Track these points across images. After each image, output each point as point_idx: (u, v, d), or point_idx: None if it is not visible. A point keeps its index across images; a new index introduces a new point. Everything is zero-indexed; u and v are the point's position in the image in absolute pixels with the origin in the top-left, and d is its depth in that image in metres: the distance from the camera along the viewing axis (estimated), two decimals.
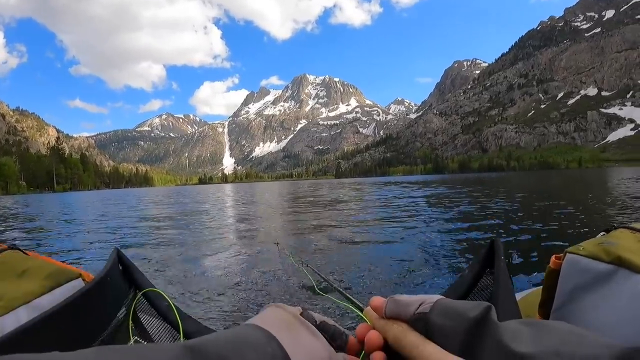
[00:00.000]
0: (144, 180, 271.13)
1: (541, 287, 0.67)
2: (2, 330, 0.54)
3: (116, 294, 0.81)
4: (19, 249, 0.75)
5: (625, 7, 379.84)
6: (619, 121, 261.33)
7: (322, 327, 0.49)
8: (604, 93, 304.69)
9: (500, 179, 38.86)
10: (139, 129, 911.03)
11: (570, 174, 50.07)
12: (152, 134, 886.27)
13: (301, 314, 0.48)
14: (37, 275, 0.67)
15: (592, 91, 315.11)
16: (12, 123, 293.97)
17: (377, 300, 0.53)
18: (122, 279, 0.88)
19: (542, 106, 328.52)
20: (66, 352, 0.28)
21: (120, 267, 0.87)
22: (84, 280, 0.74)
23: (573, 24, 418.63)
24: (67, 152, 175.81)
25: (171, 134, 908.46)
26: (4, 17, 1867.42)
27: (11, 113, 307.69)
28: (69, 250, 5.40)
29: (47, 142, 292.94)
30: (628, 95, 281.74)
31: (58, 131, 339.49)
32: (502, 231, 5.61)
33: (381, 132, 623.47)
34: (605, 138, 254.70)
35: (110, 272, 0.77)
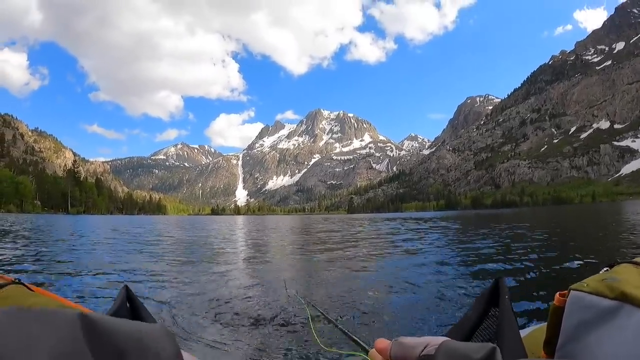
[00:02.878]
0: (157, 208, 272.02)
1: (545, 323, 0.66)
2: None
3: None
4: (24, 284, 0.74)
5: (635, 38, 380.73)
6: (632, 154, 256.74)
7: None
8: (616, 126, 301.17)
9: (513, 214, 38.82)
10: (154, 157, 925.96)
11: (583, 209, 49.58)
12: (167, 163, 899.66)
13: None
14: None
15: (604, 124, 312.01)
16: (30, 143, 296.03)
17: (382, 342, 0.52)
18: (129, 318, 0.85)
19: (555, 141, 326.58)
20: None
21: (128, 305, 0.88)
22: None
23: (584, 57, 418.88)
24: (82, 175, 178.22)
25: (186, 164, 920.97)
26: (28, 40, 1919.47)
27: (30, 133, 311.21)
28: (78, 285, 5.08)
29: (63, 164, 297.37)
30: None
31: (75, 154, 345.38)
32: (508, 266, 5.63)
33: (394, 168, 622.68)
34: (618, 171, 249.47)
35: (118, 311, 0.79)
